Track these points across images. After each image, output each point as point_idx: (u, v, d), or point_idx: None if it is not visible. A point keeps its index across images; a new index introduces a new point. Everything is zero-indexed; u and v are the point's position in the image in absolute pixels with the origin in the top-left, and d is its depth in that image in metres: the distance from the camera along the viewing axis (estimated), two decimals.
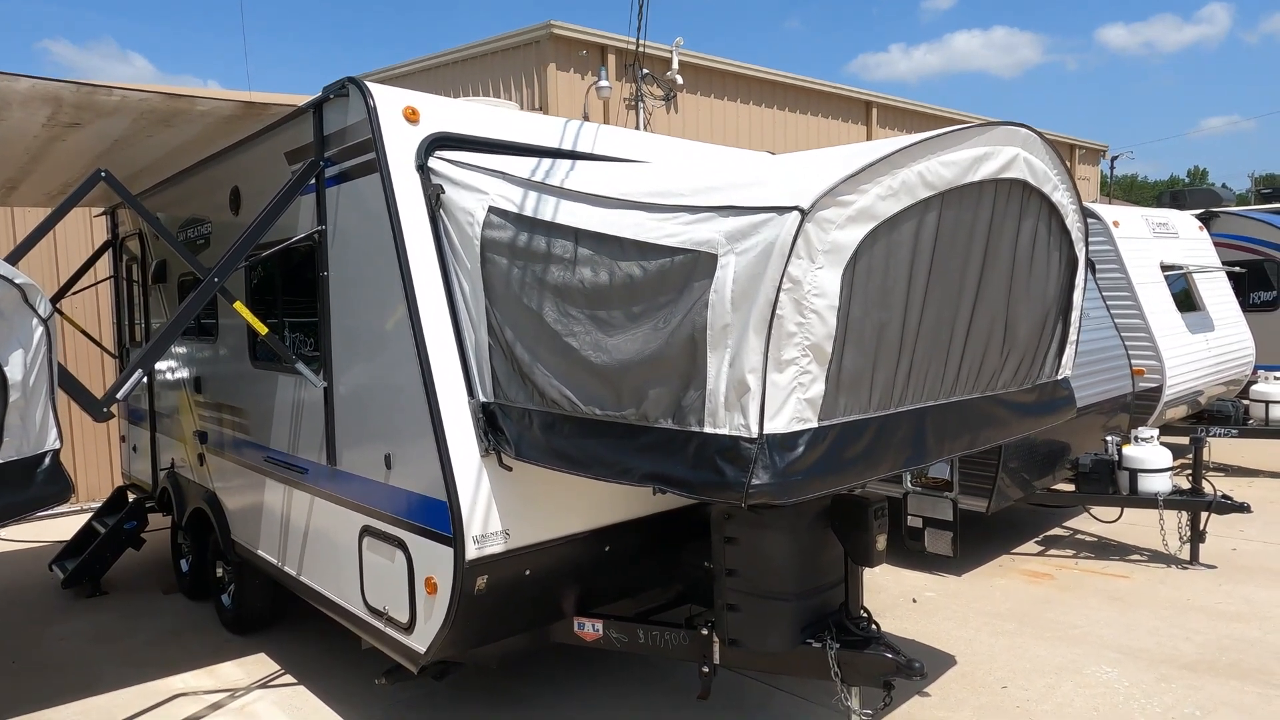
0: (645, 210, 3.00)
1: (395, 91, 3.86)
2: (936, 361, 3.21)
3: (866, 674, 3.57)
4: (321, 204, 4.17)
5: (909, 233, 2.89)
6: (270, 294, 4.97)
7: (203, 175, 5.57)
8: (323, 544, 4.44)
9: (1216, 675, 4.67)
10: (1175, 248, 9.39)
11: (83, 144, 4.64)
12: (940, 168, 2.92)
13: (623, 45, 14.14)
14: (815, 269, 2.60)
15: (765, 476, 2.59)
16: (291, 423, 4.66)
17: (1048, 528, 7.60)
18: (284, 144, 4.54)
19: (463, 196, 3.62)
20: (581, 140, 4.41)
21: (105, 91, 3.63)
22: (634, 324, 2.95)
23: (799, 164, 2.99)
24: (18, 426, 2.99)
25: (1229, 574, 6.28)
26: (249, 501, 5.24)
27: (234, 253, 3.88)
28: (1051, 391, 4.00)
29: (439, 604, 3.53)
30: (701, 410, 2.74)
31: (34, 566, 7.39)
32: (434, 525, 3.53)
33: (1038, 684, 4.64)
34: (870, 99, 18.42)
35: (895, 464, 3.05)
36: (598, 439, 3.11)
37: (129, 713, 4.69)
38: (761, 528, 3.63)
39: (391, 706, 4.59)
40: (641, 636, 4.00)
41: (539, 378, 3.30)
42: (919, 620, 5.57)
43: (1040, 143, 3.39)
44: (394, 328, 3.72)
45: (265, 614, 5.72)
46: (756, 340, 2.58)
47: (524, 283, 3.34)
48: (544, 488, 3.66)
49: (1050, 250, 3.69)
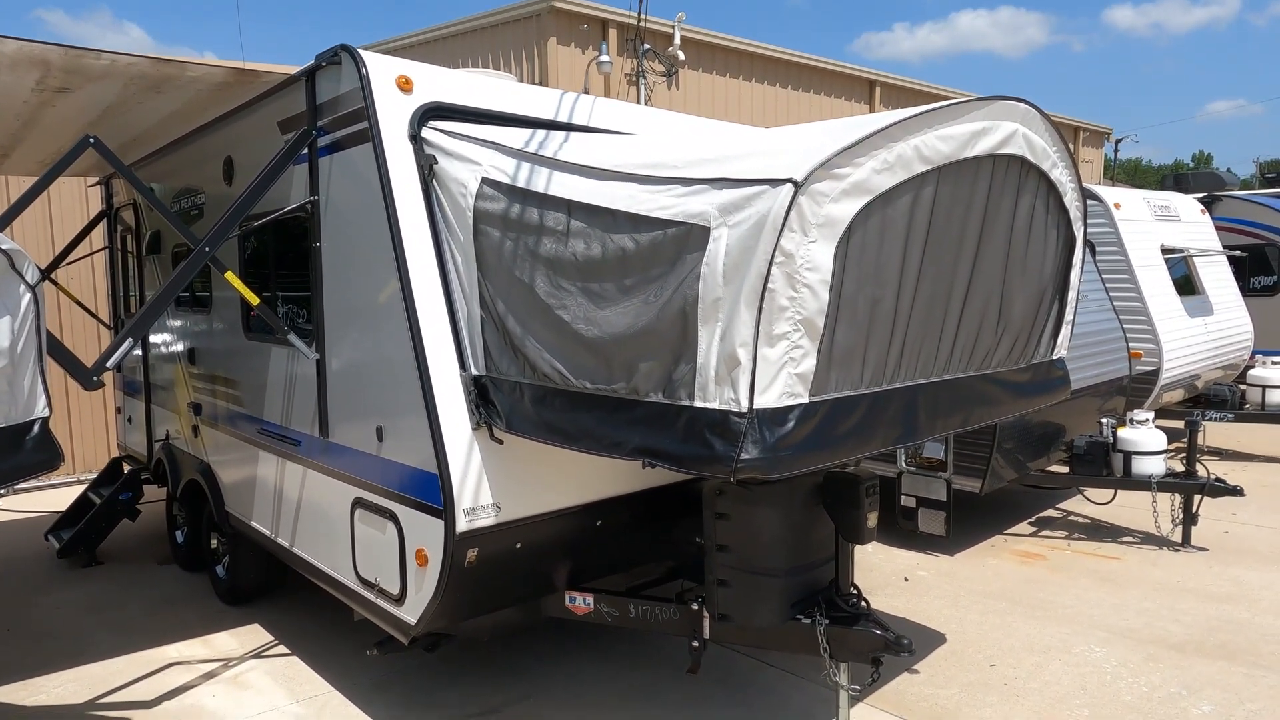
0: (638, 182, 2.97)
1: (389, 60, 3.80)
2: (930, 339, 3.19)
3: (855, 650, 3.59)
4: (314, 174, 4.13)
5: (904, 208, 2.86)
6: (263, 266, 4.94)
7: (196, 145, 5.52)
8: (315, 516, 4.45)
9: (1204, 656, 4.70)
10: (1176, 231, 9.34)
11: (74, 110, 4.59)
12: (937, 142, 2.88)
13: (624, 20, 13.98)
14: (808, 243, 2.58)
15: (754, 451, 2.58)
16: (285, 395, 4.65)
17: (1041, 509, 7.62)
18: (277, 113, 4.49)
19: (456, 167, 3.58)
20: (577, 112, 4.36)
21: (93, 55, 3.58)
22: (626, 297, 2.93)
23: (793, 136, 2.95)
24: (5, 393, 2.98)
25: (1220, 557, 6.30)
26: (243, 473, 5.24)
27: (225, 222, 3.85)
28: (1046, 371, 3.99)
29: (429, 576, 3.53)
30: (692, 384, 2.73)
31: (29, 536, 7.41)
32: (425, 498, 3.52)
33: (1026, 662, 4.67)
34: (874, 77, 18.26)
35: (886, 441, 3.04)
36: (588, 412, 3.10)
37: (123, 680, 4.73)
38: (753, 504, 3.63)
39: (383, 677, 4.62)
40: (633, 611, 4.01)
41: (530, 351, 3.28)
42: (910, 599, 5.60)
43: (1040, 119, 3.35)
44: (386, 300, 3.70)
45: (259, 585, 5.74)
46: (748, 314, 2.56)
47: (516, 255, 3.31)
48: (535, 462, 3.65)
49: (1048, 229, 3.66)
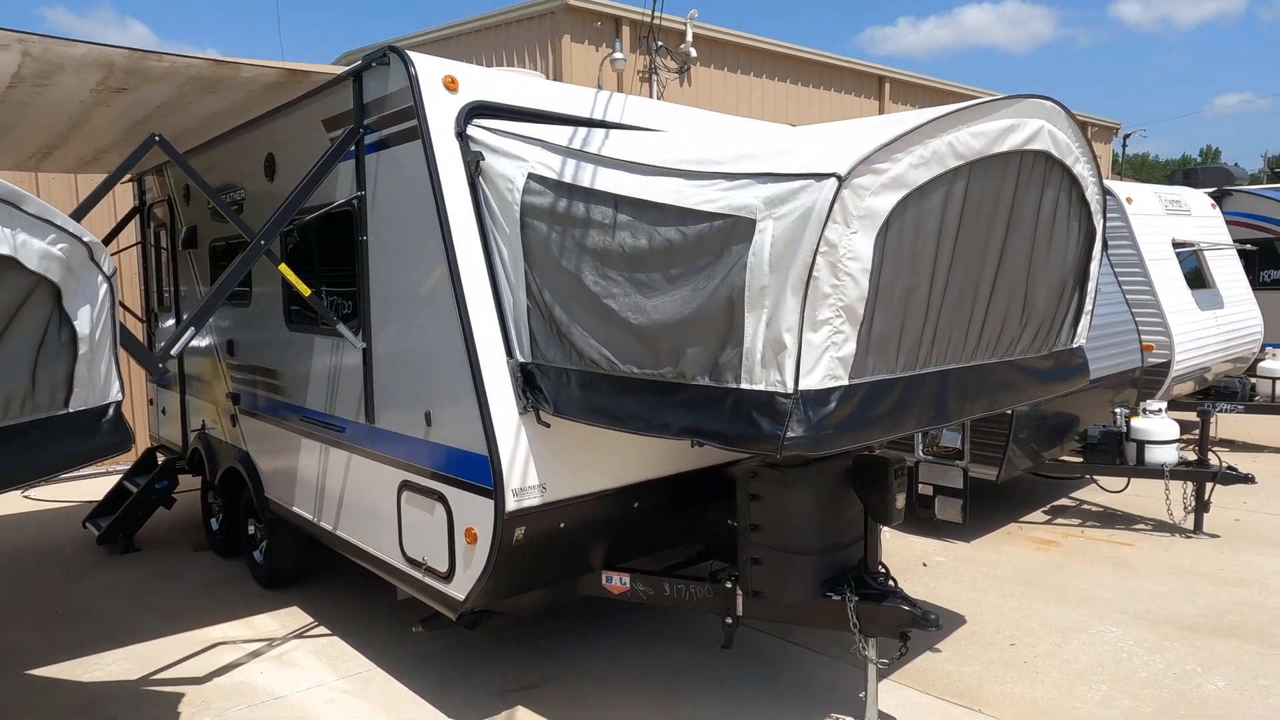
0: (684, 177, 3.13)
1: (435, 60, 3.97)
2: (959, 326, 3.35)
3: (884, 625, 3.75)
4: (361, 170, 4.30)
5: (938, 200, 3.01)
6: (305, 259, 5.11)
7: (236, 142, 5.69)
8: (360, 499, 4.62)
9: (1217, 635, 4.85)
10: (1187, 225, 9.47)
11: (124, 110, 4.76)
12: (969, 138, 3.04)
13: (637, 17, 14.11)
14: (850, 233, 2.74)
15: (800, 430, 2.74)
16: (328, 383, 4.82)
17: (1055, 498, 7.77)
18: (321, 111, 4.65)
19: (502, 163, 3.75)
20: (610, 110, 4.52)
21: (155, 58, 3.74)
22: (673, 286, 3.09)
23: (833, 133, 3.11)
24: (85, 378, 3.14)
25: (1231, 543, 6.45)
26: (284, 460, 5.42)
27: (279, 217, 4.01)
28: (1067, 359, 4.14)
29: (479, 553, 3.70)
30: (739, 367, 2.89)
31: (67, 525, 7.62)
32: (475, 479, 3.69)
33: (1045, 642, 4.83)
34: (883, 74, 18.36)
35: (919, 422, 3.20)
36: (634, 395, 3.26)
37: (171, 659, 4.91)
38: (786, 485, 3.80)
39: (423, 654, 4.79)
40: (668, 589, 4.18)
41: (577, 338, 3.44)
42: (929, 583, 5.76)
43: (1064, 116, 3.50)
44: (435, 290, 3.86)
45: (296, 569, 5.93)
46: (794, 301, 2.72)
47: (563, 247, 3.47)
48: (578, 445, 3.82)
49: (1070, 221, 3.81)
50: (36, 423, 2.96)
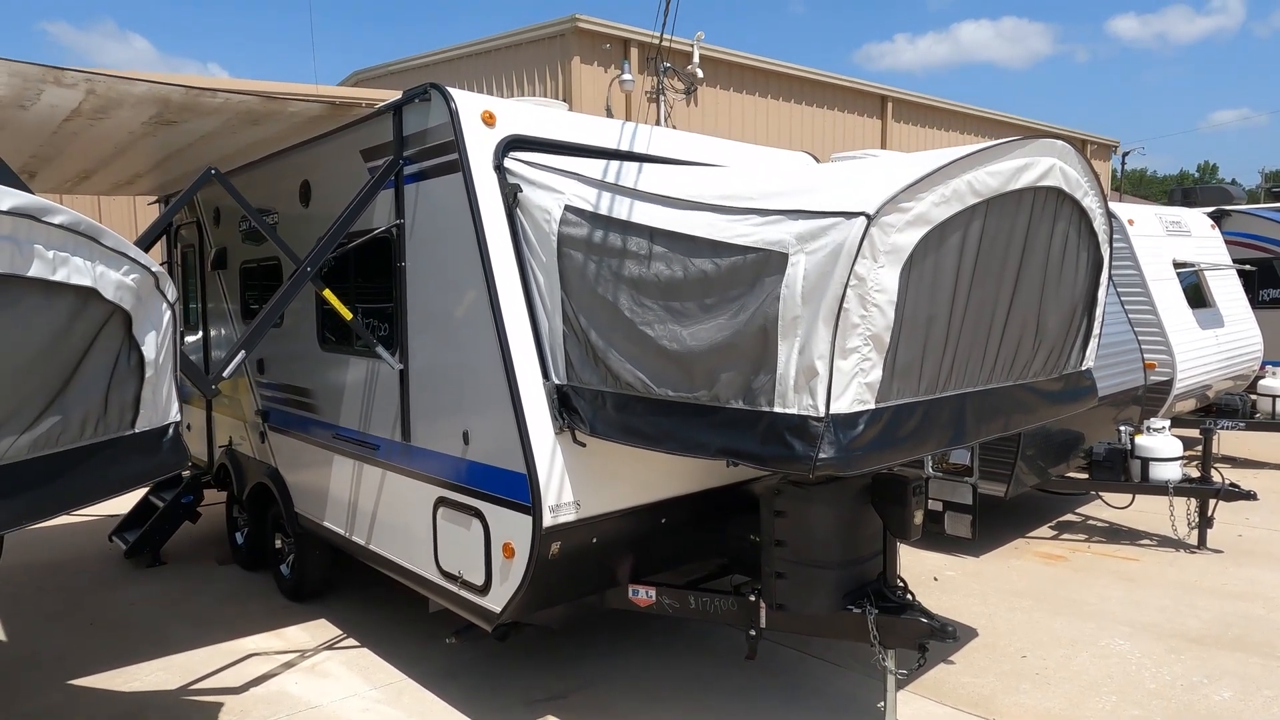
0: (717, 212, 3.32)
1: (474, 96, 4.17)
2: (976, 351, 3.54)
3: (903, 637, 3.91)
4: (400, 199, 4.49)
5: (958, 235, 3.21)
6: (341, 281, 5.30)
7: (270, 168, 5.89)
8: (394, 514, 4.78)
9: (1223, 648, 5.01)
10: (1187, 245, 9.67)
11: (168, 139, 4.96)
12: (986, 177, 3.23)
13: (645, 39, 14.39)
14: (878, 268, 2.92)
15: (831, 451, 2.92)
16: (363, 402, 5.00)
17: (1061, 514, 7.94)
18: (359, 142, 4.85)
19: (539, 195, 3.94)
20: (638, 142, 4.72)
21: (210, 94, 3.94)
22: (707, 315, 3.28)
23: (860, 172, 3.31)
24: (150, 400, 3.32)
25: (1235, 558, 6.61)
26: (314, 476, 5.58)
27: (324, 244, 4.20)
28: (1076, 381, 4.32)
29: (516, 567, 3.87)
30: (772, 392, 3.07)
31: (93, 539, 7.76)
32: (513, 495, 3.86)
33: (1055, 654, 4.98)
34: (886, 93, 18.66)
35: (940, 442, 3.37)
36: (669, 417, 3.44)
37: (207, 669, 5.06)
38: (808, 502, 3.97)
39: (452, 665, 4.94)
40: (693, 603, 4.33)
41: (613, 362, 3.62)
42: (941, 597, 5.91)
43: (1074, 154, 3.70)
44: (475, 315, 4.04)
45: (322, 582, 6.08)
46: (825, 330, 2.90)
47: (599, 275, 3.66)
48: (609, 463, 3.99)
49: (1079, 250, 4.01)
50: (107, 442, 3.14)
